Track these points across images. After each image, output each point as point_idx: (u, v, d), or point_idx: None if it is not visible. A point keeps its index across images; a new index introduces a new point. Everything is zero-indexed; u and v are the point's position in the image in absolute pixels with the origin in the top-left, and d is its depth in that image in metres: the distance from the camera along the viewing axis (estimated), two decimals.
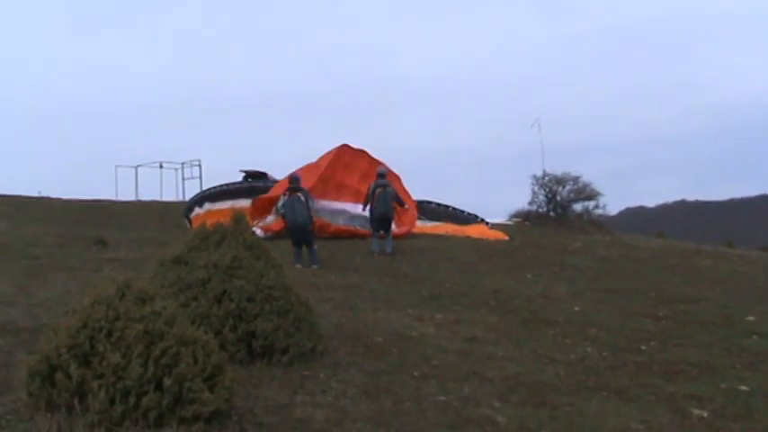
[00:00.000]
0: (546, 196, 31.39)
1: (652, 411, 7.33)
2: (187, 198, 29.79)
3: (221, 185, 23.59)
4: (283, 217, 16.85)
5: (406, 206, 20.85)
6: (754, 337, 11.13)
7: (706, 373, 8.91)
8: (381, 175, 19.33)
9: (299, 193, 16.83)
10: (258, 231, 19.79)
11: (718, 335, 11.18)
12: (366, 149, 23.12)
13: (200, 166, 34.47)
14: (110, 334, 5.67)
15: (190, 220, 20.72)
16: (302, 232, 16.48)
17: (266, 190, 22.41)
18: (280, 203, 16.93)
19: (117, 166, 36.76)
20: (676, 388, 8.17)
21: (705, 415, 7.26)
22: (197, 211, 21.82)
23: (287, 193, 16.78)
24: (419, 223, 23.70)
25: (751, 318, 12.48)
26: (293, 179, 17.58)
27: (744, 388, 8.25)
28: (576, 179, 31.21)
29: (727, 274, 18.86)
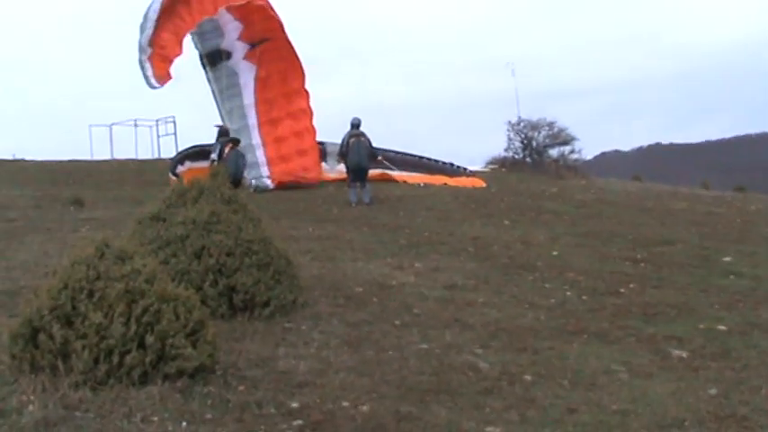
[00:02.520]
0: (521, 142, 31.29)
1: (632, 353, 7.44)
2: (162, 156, 29.65)
3: (201, 145, 23.39)
4: (213, 163, 19.08)
5: (380, 157, 20.63)
6: (731, 277, 11.28)
7: (684, 314, 9.03)
8: (355, 125, 19.18)
9: (239, 148, 19.89)
10: (268, 182, 21.47)
11: (695, 276, 11.32)
12: None
13: (174, 122, 33.98)
14: (91, 294, 5.65)
15: (178, 176, 20.76)
16: (237, 185, 17.58)
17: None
18: (215, 155, 19.63)
19: (91, 126, 36.22)
20: (656, 329, 8.29)
21: (684, 355, 7.38)
22: (179, 168, 21.74)
23: (229, 145, 19.59)
24: (396, 173, 23.46)
25: (727, 258, 12.64)
26: (236, 140, 20.23)
27: (722, 328, 8.38)
28: (551, 124, 31.12)
29: (702, 215, 19.05)
